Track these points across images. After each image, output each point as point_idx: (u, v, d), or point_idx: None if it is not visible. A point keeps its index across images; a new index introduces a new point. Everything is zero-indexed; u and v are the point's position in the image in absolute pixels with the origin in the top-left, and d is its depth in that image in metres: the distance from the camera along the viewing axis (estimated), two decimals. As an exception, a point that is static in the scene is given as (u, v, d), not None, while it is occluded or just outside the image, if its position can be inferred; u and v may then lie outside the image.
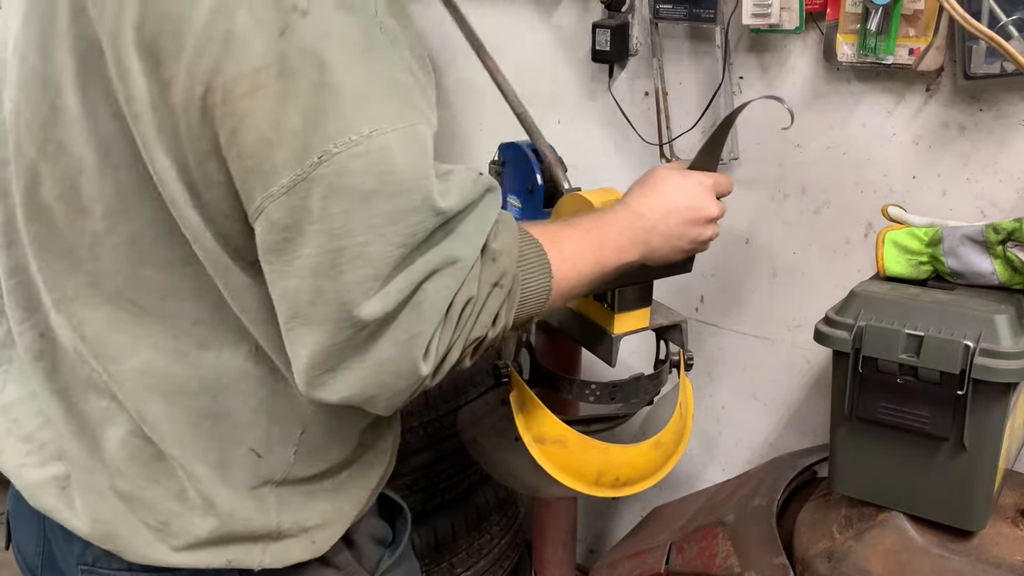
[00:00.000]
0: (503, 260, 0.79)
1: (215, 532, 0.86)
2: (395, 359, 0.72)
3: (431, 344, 0.73)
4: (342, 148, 0.68)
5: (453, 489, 1.70)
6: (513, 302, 0.81)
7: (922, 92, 1.37)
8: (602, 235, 0.94)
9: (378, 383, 0.73)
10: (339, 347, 0.71)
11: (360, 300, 0.69)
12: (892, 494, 1.19)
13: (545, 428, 1.21)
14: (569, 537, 1.68)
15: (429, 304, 0.72)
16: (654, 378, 1.33)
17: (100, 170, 0.77)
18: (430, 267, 0.72)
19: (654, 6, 1.55)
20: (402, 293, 0.71)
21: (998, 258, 1.17)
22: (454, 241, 0.74)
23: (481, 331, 0.77)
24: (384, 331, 0.71)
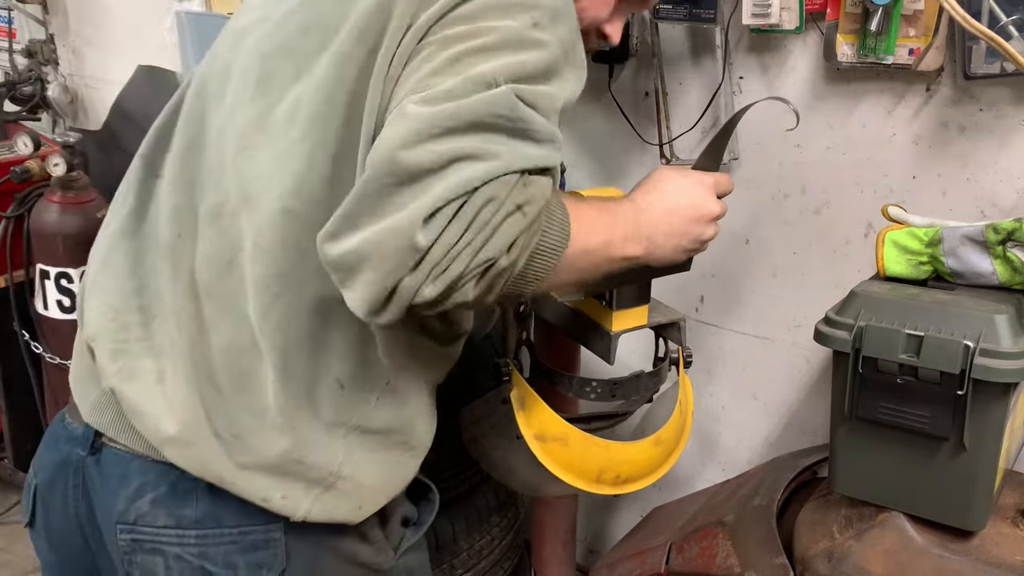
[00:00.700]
0: (534, 189, 0.79)
1: (283, 456, 0.90)
2: (399, 222, 0.73)
3: (437, 214, 0.74)
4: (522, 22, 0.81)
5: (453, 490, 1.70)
6: (531, 239, 0.80)
7: (922, 92, 1.37)
8: (612, 221, 0.94)
9: (376, 240, 0.74)
10: (369, 193, 0.75)
11: (411, 145, 0.74)
12: (892, 494, 1.19)
13: (546, 426, 1.21)
14: (569, 537, 1.68)
15: (453, 180, 0.74)
16: (654, 375, 1.33)
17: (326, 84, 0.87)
18: (474, 151, 0.75)
19: (654, 6, 1.55)
20: (444, 157, 0.74)
21: (998, 258, 1.17)
22: (511, 145, 0.77)
23: (493, 251, 0.76)
24: (412, 189, 0.74)
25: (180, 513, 0.92)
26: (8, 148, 2.27)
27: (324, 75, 0.87)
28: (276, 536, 0.93)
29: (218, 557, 0.92)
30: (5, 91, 2.54)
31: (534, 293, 0.85)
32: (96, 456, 0.97)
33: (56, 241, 2.06)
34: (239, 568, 0.92)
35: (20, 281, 2.22)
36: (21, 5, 2.56)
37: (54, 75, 2.61)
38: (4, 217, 2.19)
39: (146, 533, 0.92)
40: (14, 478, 2.42)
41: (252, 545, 0.92)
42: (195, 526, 0.92)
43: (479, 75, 0.78)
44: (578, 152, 1.78)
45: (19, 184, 2.15)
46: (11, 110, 2.55)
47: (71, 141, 2.06)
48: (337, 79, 0.87)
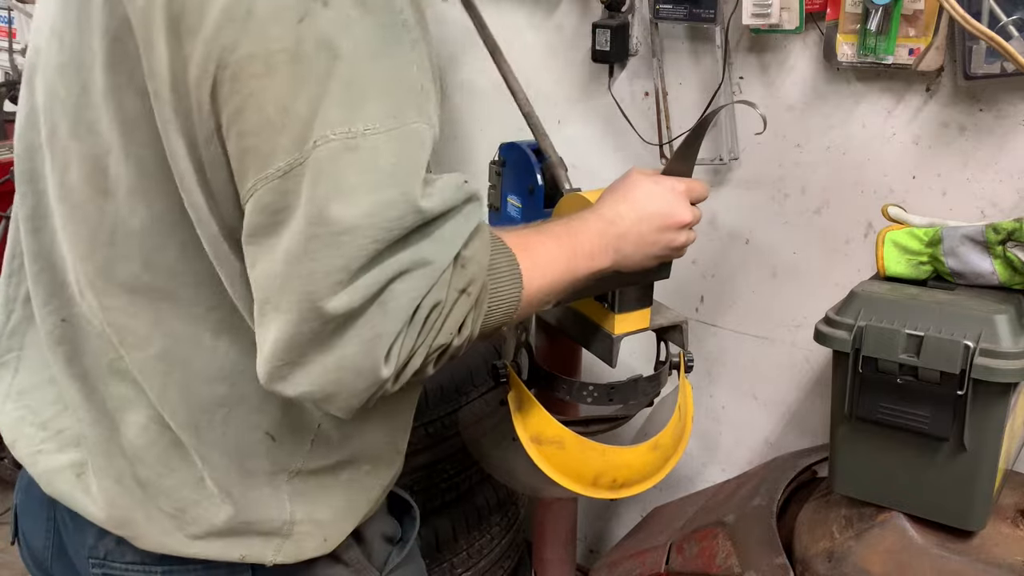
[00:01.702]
0: (472, 267, 0.77)
1: (230, 522, 0.87)
2: (357, 357, 0.71)
3: (394, 346, 0.72)
4: (338, 137, 0.69)
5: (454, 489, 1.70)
6: (480, 311, 0.79)
7: (922, 92, 1.37)
8: (573, 243, 0.93)
9: (337, 381, 0.72)
10: (303, 338, 0.70)
11: (327, 292, 0.69)
12: (892, 494, 1.19)
13: (543, 429, 1.21)
14: (569, 537, 1.68)
15: (396, 304, 0.71)
16: (653, 380, 1.33)
17: (125, 150, 0.78)
18: (402, 267, 0.72)
19: (654, 6, 1.55)
20: (370, 289, 0.70)
21: (998, 258, 1.17)
22: (429, 243, 0.74)
23: (446, 338, 0.76)
24: (349, 328, 0.70)
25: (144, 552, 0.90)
26: (8, 148, 2.27)
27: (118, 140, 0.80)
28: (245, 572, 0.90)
29: None
30: (5, 91, 2.54)
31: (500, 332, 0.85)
32: None
33: (56, 241, 2.06)
34: None
35: (20, 281, 2.22)
36: (21, 5, 2.56)
37: (54, 75, 2.61)
38: (4, 217, 2.19)
39: (116, 568, 0.91)
40: (14, 478, 2.42)
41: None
42: (160, 562, 0.90)
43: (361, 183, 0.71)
44: (578, 152, 1.78)
45: (19, 184, 2.15)
46: (11, 110, 2.55)
47: (71, 141, 2.06)
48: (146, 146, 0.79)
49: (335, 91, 0.69)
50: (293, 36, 0.68)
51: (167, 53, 0.72)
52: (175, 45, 0.72)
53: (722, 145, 1.57)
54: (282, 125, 0.69)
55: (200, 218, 0.77)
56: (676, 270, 1.67)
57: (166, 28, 0.72)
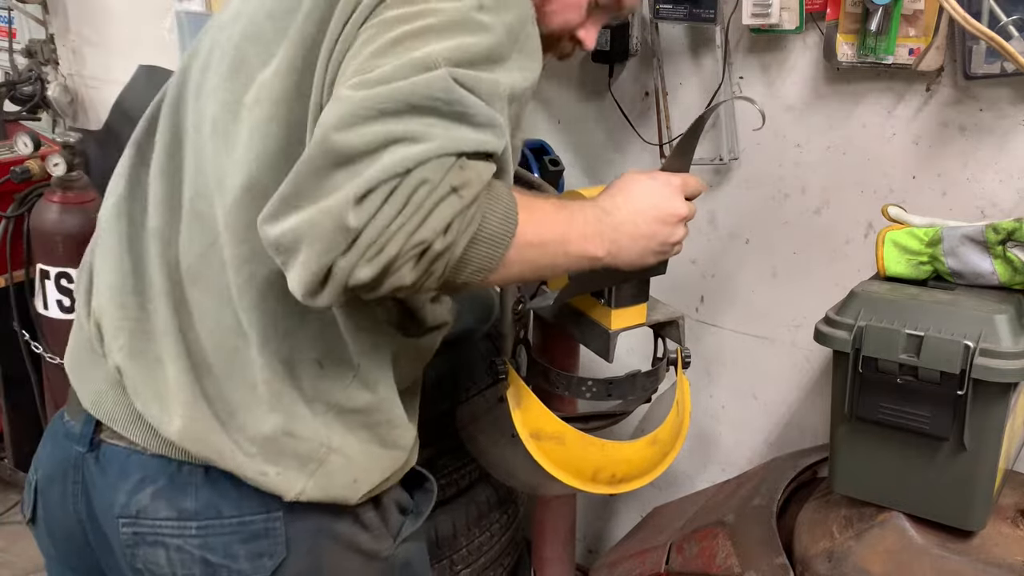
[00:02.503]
0: (470, 173, 0.78)
1: (275, 430, 0.92)
2: (333, 203, 0.74)
3: (370, 194, 0.74)
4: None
5: (453, 486, 1.70)
6: (469, 223, 0.79)
7: (922, 92, 1.37)
8: (570, 218, 0.92)
9: (310, 221, 0.74)
10: (304, 176, 0.76)
11: (340, 128, 0.75)
12: (892, 494, 1.19)
13: (542, 424, 1.21)
14: (569, 536, 1.68)
15: (387, 159, 0.74)
16: (651, 375, 1.33)
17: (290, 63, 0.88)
18: (407, 134, 0.75)
19: (654, 6, 1.55)
20: (377, 140, 0.75)
21: (998, 258, 1.17)
22: (446, 129, 0.77)
23: (428, 233, 0.76)
24: (340, 173, 0.75)
25: (180, 505, 0.92)
26: (8, 148, 2.27)
27: (283, 58, 0.89)
28: (276, 525, 0.93)
29: (219, 547, 0.93)
30: (5, 91, 2.54)
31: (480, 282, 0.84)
32: (95, 452, 0.97)
33: (56, 241, 2.06)
34: (240, 558, 0.93)
35: (20, 281, 2.22)
36: (21, 5, 2.56)
37: (54, 75, 2.62)
38: (4, 217, 2.19)
39: (147, 526, 0.93)
40: (14, 478, 2.42)
41: (252, 535, 0.93)
42: (195, 517, 0.92)
43: (417, 58, 0.78)
44: (578, 152, 1.79)
45: (19, 184, 2.15)
46: (11, 110, 2.55)
47: (71, 141, 2.06)
48: (294, 61, 0.88)
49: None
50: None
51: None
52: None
53: (722, 145, 1.57)
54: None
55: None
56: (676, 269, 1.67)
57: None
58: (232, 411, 0.92)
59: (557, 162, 1.65)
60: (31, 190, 2.17)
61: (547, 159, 1.64)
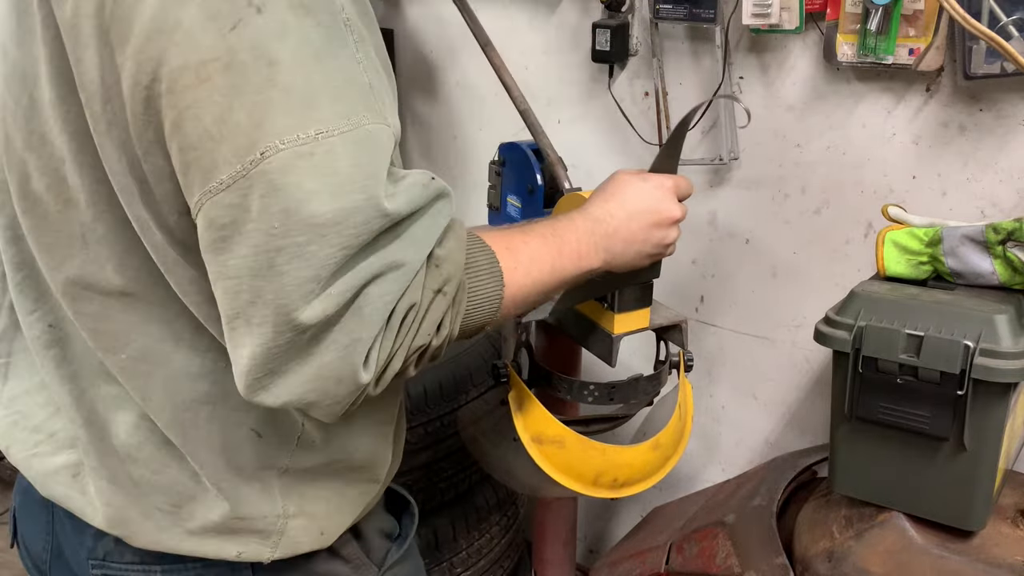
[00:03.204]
0: (447, 267, 0.76)
1: (226, 518, 0.87)
2: (336, 365, 0.70)
3: (372, 351, 0.71)
4: (288, 146, 0.66)
5: (453, 489, 1.70)
6: (459, 310, 0.78)
7: (922, 92, 1.37)
8: (560, 242, 0.91)
9: (318, 389, 0.71)
10: (280, 350, 0.69)
11: (300, 303, 0.67)
12: (892, 494, 1.19)
13: (543, 428, 1.21)
14: (569, 537, 1.68)
15: (371, 309, 0.70)
16: (653, 379, 1.33)
17: (77, 160, 0.77)
18: (374, 271, 0.70)
19: (654, 6, 1.56)
20: (344, 296, 0.69)
21: (998, 258, 1.17)
22: (400, 245, 0.72)
23: (424, 339, 0.75)
24: (326, 335, 0.69)
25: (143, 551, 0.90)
26: None
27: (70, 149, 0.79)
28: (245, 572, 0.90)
29: None
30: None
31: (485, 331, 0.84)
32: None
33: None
34: None
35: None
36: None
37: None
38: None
39: (115, 569, 0.91)
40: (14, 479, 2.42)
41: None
42: (160, 561, 0.90)
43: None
44: (578, 152, 1.78)
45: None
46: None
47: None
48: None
49: (278, 99, 0.66)
50: (224, 45, 0.66)
51: (97, 65, 0.71)
52: (106, 57, 0.70)
53: (722, 145, 1.57)
54: (221, 136, 0.66)
55: (143, 228, 0.76)
56: (676, 270, 1.68)
57: (95, 39, 0.70)
58: (178, 503, 0.87)
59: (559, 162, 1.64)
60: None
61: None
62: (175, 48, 0.66)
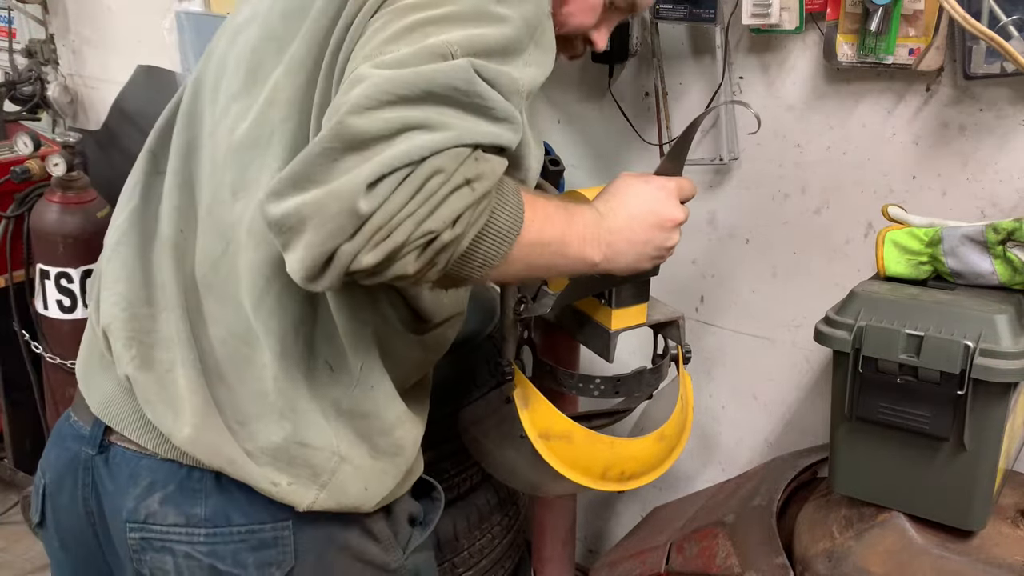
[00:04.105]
0: (484, 167, 0.77)
1: (286, 440, 0.91)
2: (345, 184, 0.72)
3: (382, 180, 0.72)
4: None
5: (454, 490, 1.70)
6: (478, 215, 0.77)
7: (922, 92, 1.37)
8: (570, 218, 0.91)
9: (316, 202, 0.72)
10: (315, 157, 0.73)
11: (355, 111, 0.72)
12: (892, 494, 1.19)
13: (551, 424, 1.21)
14: (569, 536, 1.68)
15: (399, 150, 0.72)
16: (656, 372, 1.33)
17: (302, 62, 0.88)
18: (425, 121, 0.74)
19: (654, 6, 1.55)
20: (389, 124, 0.72)
21: (998, 258, 1.17)
22: (463, 117, 0.75)
23: (437, 224, 0.74)
24: (353, 155, 0.72)
25: (189, 511, 0.92)
26: (8, 148, 2.27)
27: (296, 55, 0.88)
28: (284, 534, 0.93)
29: (227, 555, 0.92)
30: (5, 91, 2.54)
31: (481, 278, 0.83)
32: (105, 455, 0.97)
33: (56, 241, 2.06)
34: (248, 566, 0.93)
35: (20, 281, 2.22)
36: (21, 5, 2.56)
37: (54, 75, 2.62)
38: (4, 217, 2.19)
39: (156, 532, 0.93)
40: (14, 478, 2.42)
41: (261, 543, 0.93)
42: (204, 524, 0.92)
43: (435, 45, 0.76)
44: (578, 152, 1.79)
45: (19, 184, 2.15)
46: (11, 110, 2.55)
47: (71, 141, 2.06)
48: (304, 59, 0.88)
49: None
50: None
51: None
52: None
53: (722, 145, 1.57)
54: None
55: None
56: (676, 270, 1.68)
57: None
58: (243, 420, 0.91)
59: (557, 162, 1.64)
60: (31, 190, 2.17)
61: (547, 159, 1.64)
62: None
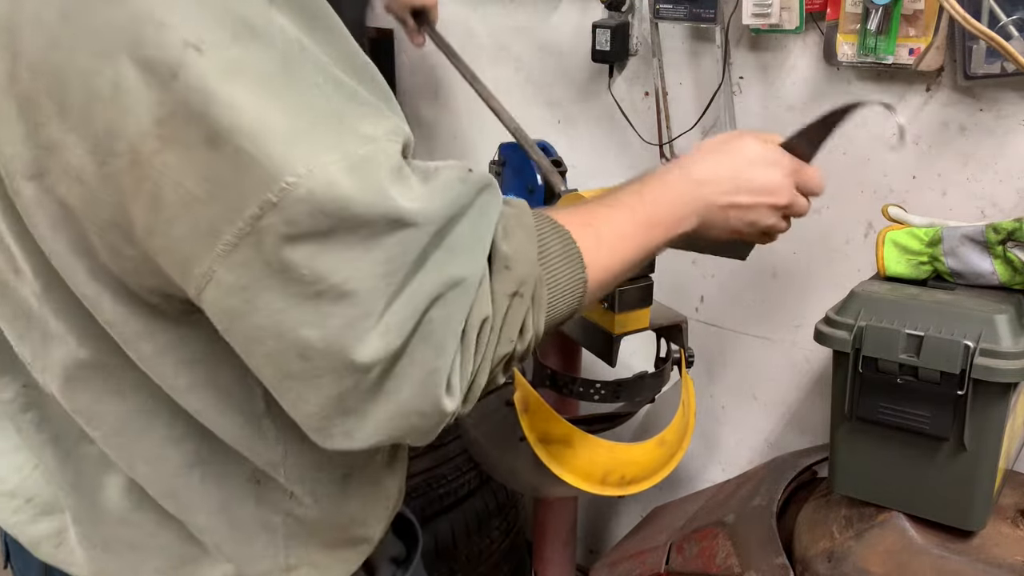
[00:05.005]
0: (519, 266, 0.68)
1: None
2: (415, 400, 0.63)
3: (452, 377, 0.64)
4: (281, 196, 0.57)
5: (453, 494, 1.70)
6: (540, 308, 0.70)
7: (922, 92, 1.37)
8: (651, 212, 0.82)
9: (403, 426, 0.64)
10: (349, 395, 0.62)
11: (355, 343, 0.60)
12: (892, 494, 1.19)
13: (550, 428, 1.21)
14: (569, 537, 1.68)
15: (440, 335, 0.63)
16: (657, 376, 1.33)
17: (12, 230, 0.68)
18: (430, 292, 0.62)
19: (654, 6, 1.56)
20: (405, 326, 0.61)
21: (998, 258, 1.17)
22: (452, 257, 0.64)
23: (507, 347, 0.68)
24: (396, 370, 0.62)
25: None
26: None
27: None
28: None
29: None
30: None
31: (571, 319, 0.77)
32: None
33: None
34: None
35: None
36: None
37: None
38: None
39: None
40: None
41: None
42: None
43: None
44: (578, 152, 1.78)
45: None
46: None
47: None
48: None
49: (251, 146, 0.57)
50: (174, 97, 0.56)
51: (21, 142, 0.61)
52: (31, 131, 0.60)
53: (722, 145, 1.57)
54: (210, 196, 0.58)
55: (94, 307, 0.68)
56: (676, 270, 1.67)
57: (15, 109, 0.60)
58: (177, 567, 0.82)
59: (560, 162, 1.64)
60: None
61: (549, 160, 1.64)
62: (123, 116, 0.57)
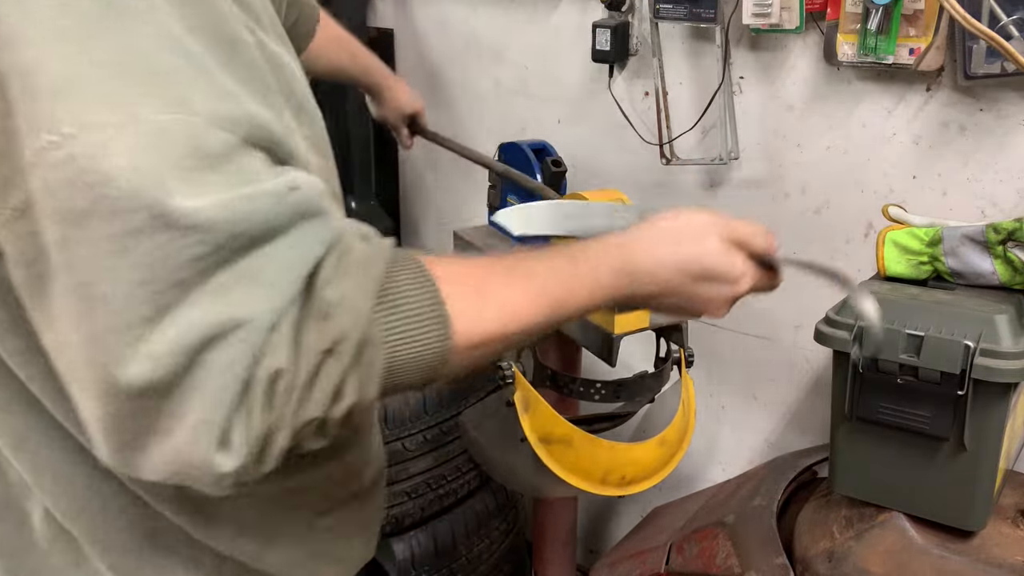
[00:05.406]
0: (340, 318, 0.56)
1: None
2: (187, 448, 0.53)
3: (231, 433, 0.54)
4: (37, 156, 0.49)
5: (453, 495, 1.70)
6: (369, 370, 0.58)
7: (922, 92, 1.37)
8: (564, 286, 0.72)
9: (181, 473, 0.55)
10: (122, 420, 0.53)
11: (117, 358, 0.51)
12: (892, 494, 1.19)
13: (551, 428, 1.21)
14: (569, 537, 1.68)
15: (214, 384, 0.52)
16: (657, 376, 1.33)
17: None
18: (206, 329, 0.52)
19: (654, 6, 1.55)
20: (173, 359, 0.51)
21: (998, 258, 1.17)
22: (241, 287, 0.53)
23: (316, 410, 0.56)
24: (168, 407, 0.53)
25: None
26: None
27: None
28: None
29: None
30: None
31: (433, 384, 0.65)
32: None
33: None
34: None
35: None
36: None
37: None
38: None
39: None
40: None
41: None
42: None
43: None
44: (578, 152, 1.78)
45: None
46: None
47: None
48: None
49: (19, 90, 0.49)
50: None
51: None
52: None
53: (722, 145, 1.57)
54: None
55: None
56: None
57: None
58: None
59: (559, 163, 1.65)
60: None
61: (549, 160, 1.64)
62: None
